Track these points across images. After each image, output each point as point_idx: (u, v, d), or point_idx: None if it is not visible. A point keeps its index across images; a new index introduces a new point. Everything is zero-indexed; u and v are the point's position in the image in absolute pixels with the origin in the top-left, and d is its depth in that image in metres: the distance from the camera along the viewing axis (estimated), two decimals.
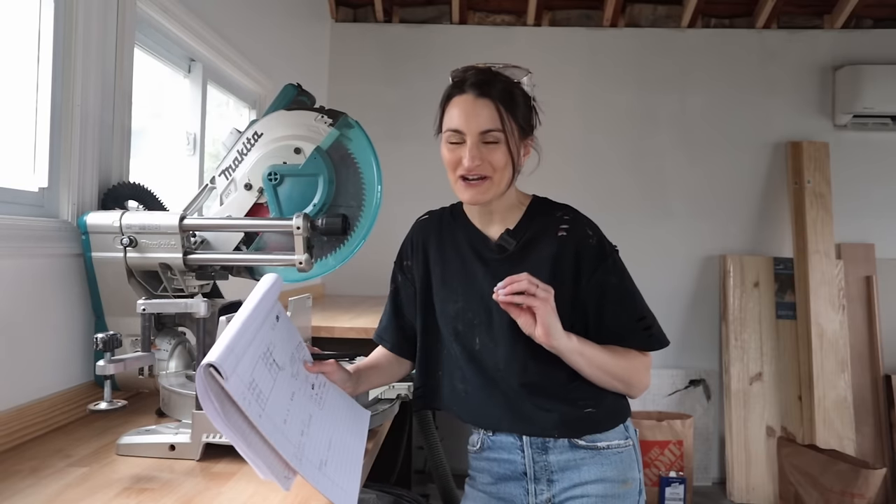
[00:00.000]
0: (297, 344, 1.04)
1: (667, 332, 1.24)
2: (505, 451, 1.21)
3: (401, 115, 3.60)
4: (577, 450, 1.16)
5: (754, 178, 3.60)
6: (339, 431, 1.00)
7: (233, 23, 2.24)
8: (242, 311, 0.88)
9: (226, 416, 0.78)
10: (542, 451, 1.18)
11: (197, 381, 0.76)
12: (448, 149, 1.16)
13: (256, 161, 1.26)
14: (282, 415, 0.86)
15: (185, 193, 1.99)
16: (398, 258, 1.33)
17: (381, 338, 1.33)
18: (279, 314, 0.99)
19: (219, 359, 0.76)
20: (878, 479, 2.96)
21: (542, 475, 1.18)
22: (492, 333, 1.18)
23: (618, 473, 1.16)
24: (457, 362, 1.22)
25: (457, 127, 1.13)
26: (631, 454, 1.19)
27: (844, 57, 3.54)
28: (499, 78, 1.16)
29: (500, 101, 1.13)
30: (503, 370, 1.17)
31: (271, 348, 0.92)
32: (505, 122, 1.12)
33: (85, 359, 1.34)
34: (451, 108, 1.15)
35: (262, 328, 0.90)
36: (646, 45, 3.62)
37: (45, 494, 0.90)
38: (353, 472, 0.94)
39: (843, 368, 3.31)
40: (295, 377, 0.97)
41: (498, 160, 1.13)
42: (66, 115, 1.33)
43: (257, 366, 0.85)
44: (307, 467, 0.84)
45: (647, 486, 3.34)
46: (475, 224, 1.25)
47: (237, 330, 0.83)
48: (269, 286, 0.97)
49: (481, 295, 1.18)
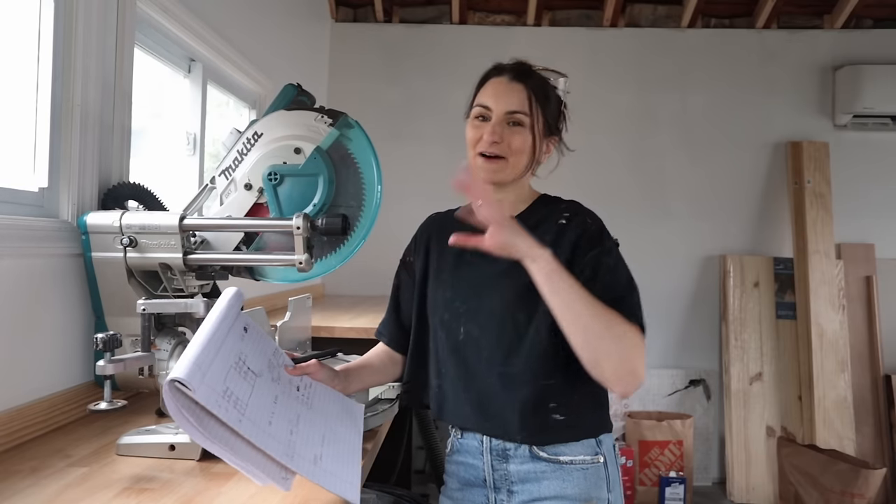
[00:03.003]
0: (274, 350, 1.03)
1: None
2: (470, 456, 1.19)
3: (401, 115, 3.60)
4: (537, 461, 1.12)
5: (754, 178, 3.60)
6: (332, 426, 1.00)
7: (233, 23, 2.24)
8: (203, 329, 0.87)
9: (205, 430, 0.77)
10: (503, 458, 1.15)
11: (166, 399, 0.75)
12: (473, 126, 1.19)
13: (256, 161, 1.26)
14: (266, 417, 0.85)
15: (185, 193, 1.99)
16: (403, 255, 1.34)
17: (381, 332, 1.35)
18: (247, 325, 0.98)
19: (181, 372, 0.75)
20: (878, 479, 2.96)
21: (502, 484, 1.15)
22: (478, 320, 1.17)
23: (580, 492, 1.11)
24: (437, 356, 1.21)
25: (486, 103, 1.17)
26: (600, 472, 1.13)
27: (844, 57, 3.54)
28: (535, 73, 1.20)
29: (532, 89, 1.16)
30: (486, 359, 1.14)
31: (243, 357, 0.91)
32: (533, 108, 1.16)
33: (85, 359, 1.34)
34: (485, 87, 1.20)
35: (227, 340, 0.89)
36: (646, 45, 3.62)
37: (45, 494, 0.90)
38: (352, 462, 0.94)
39: (843, 368, 3.31)
40: (276, 381, 0.97)
41: (517, 143, 1.15)
42: (66, 115, 1.32)
43: (230, 375, 0.84)
44: (301, 463, 0.84)
45: (647, 485, 3.34)
46: None
47: (198, 345, 0.82)
48: (228, 300, 0.95)
49: (469, 282, 1.19)
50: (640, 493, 3.34)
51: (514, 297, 1.14)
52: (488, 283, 1.17)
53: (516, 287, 1.13)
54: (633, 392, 1.04)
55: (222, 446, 0.78)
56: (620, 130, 3.62)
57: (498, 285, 1.16)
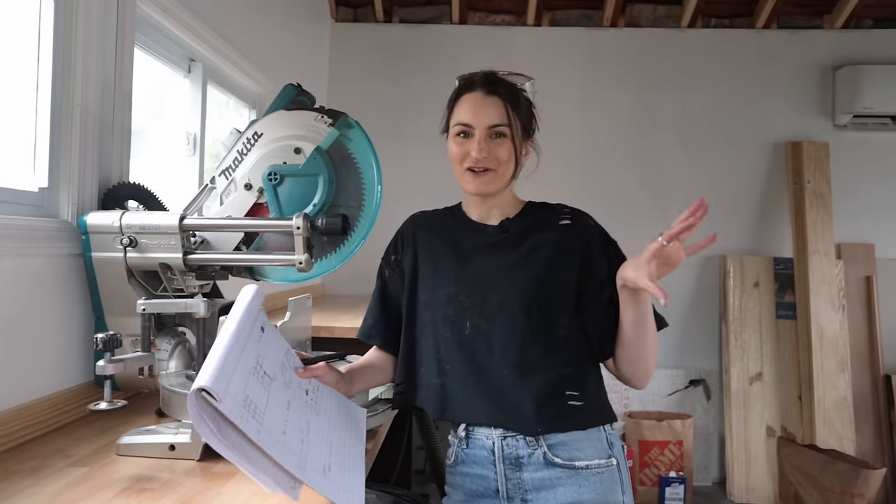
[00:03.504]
0: (286, 351, 1.03)
1: (667, 331, 1.25)
2: (478, 466, 1.17)
3: (401, 115, 3.60)
4: (552, 468, 1.12)
5: (754, 178, 3.60)
6: (338, 434, 1.00)
7: (233, 23, 2.24)
8: (227, 329, 0.87)
9: (223, 437, 0.77)
10: (516, 466, 1.14)
11: (189, 406, 0.75)
12: (456, 142, 1.21)
13: (256, 161, 1.26)
14: (280, 426, 0.85)
15: (185, 193, 1.99)
16: (385, 254, 1.33)
17: (370, 335, 1.31)
18: (264, 325, 0.97)
19: (209, 382, 0.75)
20: (878, 479, 2.96)
21: (515, 494, 1.14)
22: (485, 314, 1.17)
23: (597, 497, 1.11)
24: (438, 353, 1.20)
25: (467, 121, 1.19)
26: (614, 475, 1.14)
27: (844, 57, 3.54)
28: (504, 81, 1.23)
29: (507, 99, 1.20)
30: (498, 351, 1.15)
31: (261, 361, 0.90)
32: (511, 118, 1.19)
33: (85, 359, 1.34)
34: (461, 104, 1.21)
35: (248, 342, 0.89)
36: (646, 45, 3.62)
37: (45, 494, 0.89)
38: (357, 474, 0.94)
39: (843, 368, 3.31)
40: (288, 386, 0.96)
41: (502, 154, 1.19)
42: (65, 115, 1.32)
43: (249, 381, 0.84)
44: (312, 475, 0.84)
45: (647, 485, 3.34)
46: (474, 216, 1.28)
47: (224, 349, 0.82)
48: (250, 299, 0.95)
49: (475, 275, 1.20)
50: (640, 493, 3.34)
51: (526, 289, 1.17)
52: (496, 276, 1.19)
53: (527, 279, 1.17)
54: (644, 386, 1.23)
55: (238, 454, 0.78)
56: (620, 130, 3.61)
57: (507, 278, 1.18)
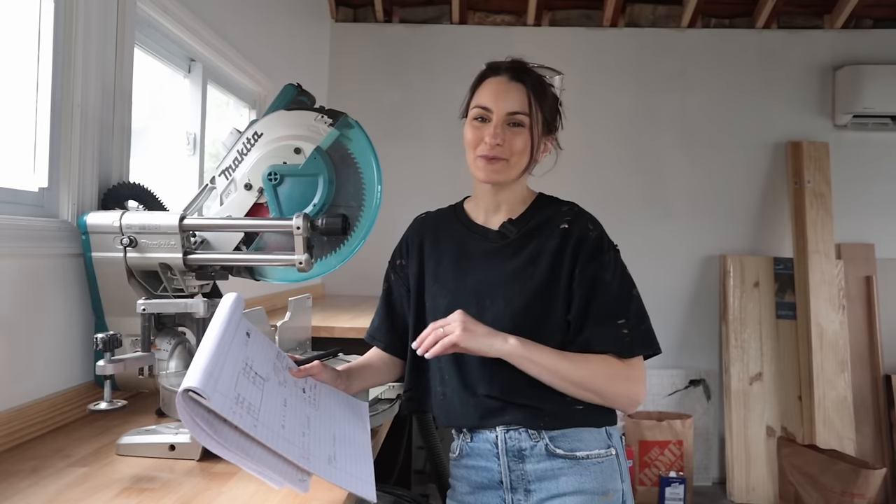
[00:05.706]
0: (277, 354, 1.03)
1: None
2: (482, 459, 1.18)
3: (401, 115, 3.60)
4: (554, 459, 1.13)
5: (754, 178, 3.60)
6: (341, 426, 1.00)
7: (233, 23, 2.24)
8: (208, 336, 0.86)
9: (220, 437, 0.77)
10: (519, 458, 1.14)
11: (179, 410, 0.75)
12: (472, 127, 1.18)
13: (256, 161, 1.26)
14: (278, 421, 0.85)
15: (185, 193, 1.99)
16: (392, 257, 1.33)
17: (374, 338, 1.32)
18: (249, 331, 0.97)
19: (195, 381, 0.75)
20: (878, 479, 2.96)
21: (518, 484, 1.15)
22: None
23: (598, 485, 1.12)
24: (439, 363, 1.20)
25: (486, 104, 1.16)
26: (613, 464, 1.15)
27: (844, 57, 3.54)
28: (531, 70, 1.19)
29: (531, 88, 1.16)
30: (492, 366, 1.13)
31: (250, 363, 0.91)
32: (532, 108, 1.15)
33: (85, 359, 1.34)
34: (483, 88, 1.18)
35: (232, 347, 0.89)
36: (646, 45, 3.62)
37: (45, 494, 0.90)
38: (365, 461, 0.94)
39: (843, 368, 3.31)
40: (283, 385, 0.97)
41: (518, 145, 1.15)
42: (65, 115, 1.32)
43: (240, 380, 0.84)
44: (317, 464, 0.84)
45: (647, 485, 3.34)
46: (479, 216, 1.25)
47: (207, 353, 0.82)
48: (229, 307, 0.95)
49: (472, 288, 1.18)
50: (640, 493, 3.34)
51: (521, 306, 1.14)
52: (493, 290, 1.17)
53: (524, 294, 1.14)
54: (633, 411, 1.18)
55: (238, 453, 0.78)
56: (620, 130, 3.62)
57: (503, 294, 1.16)
